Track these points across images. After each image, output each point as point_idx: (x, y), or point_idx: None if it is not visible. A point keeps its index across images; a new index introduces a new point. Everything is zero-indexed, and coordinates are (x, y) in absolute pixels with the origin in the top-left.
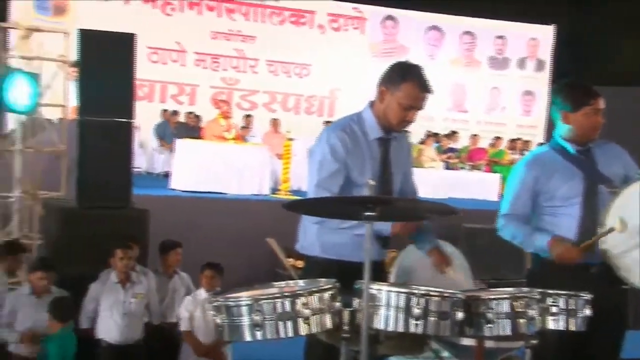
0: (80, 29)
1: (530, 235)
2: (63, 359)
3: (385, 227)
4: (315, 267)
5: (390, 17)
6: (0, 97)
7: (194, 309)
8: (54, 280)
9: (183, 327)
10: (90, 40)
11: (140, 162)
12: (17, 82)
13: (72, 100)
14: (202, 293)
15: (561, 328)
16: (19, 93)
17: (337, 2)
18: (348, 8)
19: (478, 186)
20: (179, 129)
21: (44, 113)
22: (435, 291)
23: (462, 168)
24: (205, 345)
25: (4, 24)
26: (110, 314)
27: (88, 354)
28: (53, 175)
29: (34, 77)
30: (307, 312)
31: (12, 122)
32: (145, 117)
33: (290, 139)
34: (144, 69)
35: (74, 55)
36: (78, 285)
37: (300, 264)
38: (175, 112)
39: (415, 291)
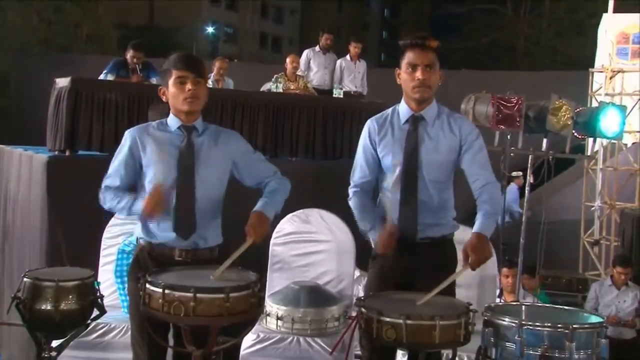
0: None
1: None
2: None
3: None
4: None
5: None
6: (594, 125)
7: None
8: (631, 275)
9: None
10: None
11: None
12: (608, 113)
13: None
14: None
15: None
16: (609, 122)
17: None
18: None
19: None
20: None
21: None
22: None
23: None
24: None
25: (592, 69)
26: None
27: None
28: (627, 190)
29: (622, 109)
30: None
31: (596, 145)
32: None
33: None
34: None
35: None
36: None
37: None
38: None
39: None
